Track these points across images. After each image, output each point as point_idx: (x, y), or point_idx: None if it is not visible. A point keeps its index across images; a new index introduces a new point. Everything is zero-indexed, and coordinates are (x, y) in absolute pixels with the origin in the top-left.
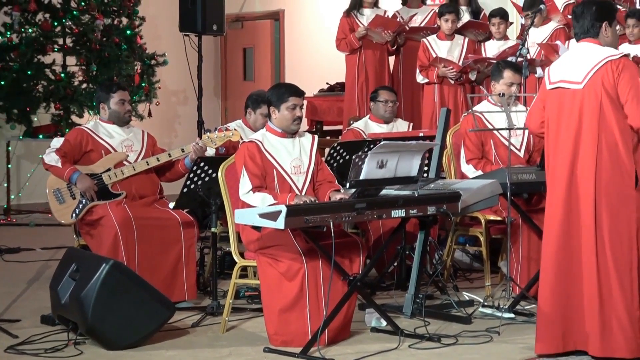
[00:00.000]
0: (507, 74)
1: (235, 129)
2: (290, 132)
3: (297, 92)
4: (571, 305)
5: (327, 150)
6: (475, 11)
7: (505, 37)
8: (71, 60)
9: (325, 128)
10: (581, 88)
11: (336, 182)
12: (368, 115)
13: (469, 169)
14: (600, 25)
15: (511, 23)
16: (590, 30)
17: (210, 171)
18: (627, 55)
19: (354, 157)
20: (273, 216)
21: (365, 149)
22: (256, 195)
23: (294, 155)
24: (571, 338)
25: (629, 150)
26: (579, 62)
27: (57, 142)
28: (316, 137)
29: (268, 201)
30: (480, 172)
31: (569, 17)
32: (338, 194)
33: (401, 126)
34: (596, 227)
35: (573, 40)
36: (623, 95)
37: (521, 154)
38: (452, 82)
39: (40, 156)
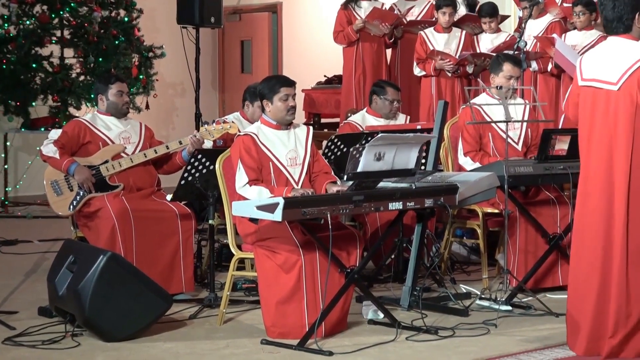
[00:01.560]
0: (507, 67)
1: (232, 122)
2: (285, 123)
3: (288, 82)
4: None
5: (324, 142)
6: (472, 4)
7: (498, 30)
8: (69, 52)
9: (323, 121)
10: (616, 90)
11: (332, 173)
12: (365, 109)
13: (466, 161)
14: (633, 17)
15: (508, 16)
16: (623, 22)
17: (207, 163)
18: None
19: (351, 149)
20: (270, 208)
21: (363, 142)
22: (252, 188)
23: (290, 147)
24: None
25: None
26: (613, 60)
27: (55, 133)
28: (311, 128)
29: (264, 195)
30: (478, 165)
31: (565, 5)
32: (334, 186)
33: (399, 120)
34: (628, 230)
35: (569, 34)
36: None
37: (519, 147)
38: (449, 74)
39: (38, 148)
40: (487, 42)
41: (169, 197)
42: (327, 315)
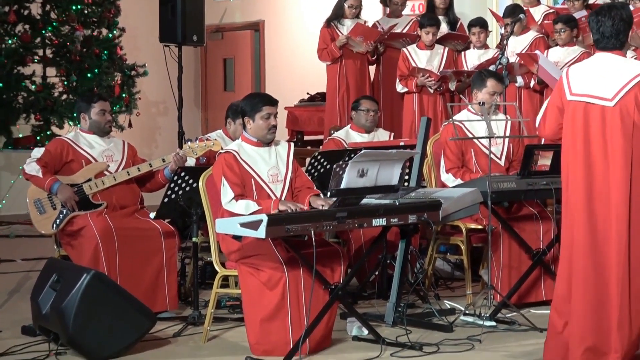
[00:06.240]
0: (490, 83)
1: (215, 139)
2: (265, 142)
3: (271, 101)
4: (603, 319)
5: (308, 159)
6: (453, 22)
7: (485, 46)
8: (51, 71)
9: (306, 138)
10: (612, 106)
11: (315, 187)
12: (349, 125)
13: (448, 178)
14: (628, 34)
15: (490, 31)
16: (620, 39)
17: (190, 181)
18: None
19: (334, 166)
20: (254, 225)
21: (346, 158)
22: (240, 203)
23: (271, 164)
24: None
25: None
26: (606, 76)
27: (38, 152)
28: (292, 144)
29: (252, 208)
30: (459, 181)
31: (546, 22)
32: (318, 199)
33: (382, 136)
34: (630, 248)
35: (552, 50)
36: None
37: (501, 162)
38: (432, 91)
39: (21, 167)
40: (474, 59)
41: (152, 215)
42: (312, 332)
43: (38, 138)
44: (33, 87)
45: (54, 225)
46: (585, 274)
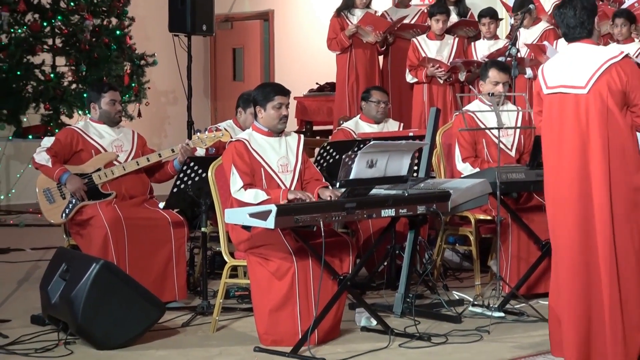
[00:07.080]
0: (492, 73)
1: (225, 129)
2: (276, 131)
3: (283, 91)
4: (593, 313)
5: (317, 150)
6: (463, 14)
7: (495, 37)
8: (60, 60)
9: (315, 128)
10: (586, 93)
11: (323, 179)
12: (358, 115)
13: (465, 168)
14: (592, 22)
15: (500, 19)
16: (585, 27)
17: (200, 171)
18: (627, 55)
19: (343, 156)
20: (263, 216)
21: (355, 149)
22: (248, 192)
23: (281, 154)
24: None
25: (636, 152)
26: (578, 65)
27: (48, 141)
28: (302, 136)
29: (261, 197)
30: (478, 170)
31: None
32: (327, 191)
33: (392, 126)
34: (614, 234)
35: (561, 41)
36: (636, 98)
37: (512, 153)
38: (441, 81)
39: (31, 156)
40: (484, 49)
41: (161, 204)
42: (320, 322)
43: (48, 127)
44: (42, 76)
45: (63, 215)
46: (572, 265)
